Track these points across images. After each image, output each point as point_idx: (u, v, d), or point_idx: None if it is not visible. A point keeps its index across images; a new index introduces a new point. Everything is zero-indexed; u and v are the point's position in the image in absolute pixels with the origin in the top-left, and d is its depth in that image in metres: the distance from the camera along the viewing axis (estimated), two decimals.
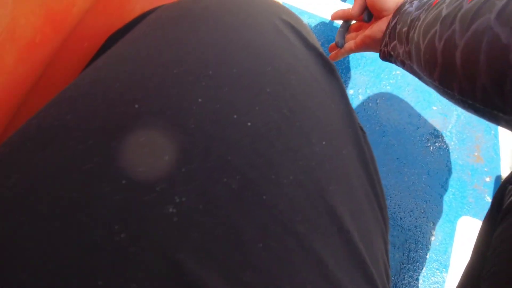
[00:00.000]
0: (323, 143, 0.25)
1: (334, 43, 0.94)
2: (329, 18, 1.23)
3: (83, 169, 0.18)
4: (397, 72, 1.30)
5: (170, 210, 0.18)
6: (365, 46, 0.79)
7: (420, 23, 0.53)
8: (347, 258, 0.25)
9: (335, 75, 0.31)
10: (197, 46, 0.24)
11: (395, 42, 0.65)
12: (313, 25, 1.29)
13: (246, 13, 0.28)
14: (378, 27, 0.73)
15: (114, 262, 0.17)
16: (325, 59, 0.31)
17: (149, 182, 0.18)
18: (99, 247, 0.17)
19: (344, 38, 0.91)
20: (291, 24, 0.30)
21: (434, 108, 1.30)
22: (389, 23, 0.69)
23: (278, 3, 0.32)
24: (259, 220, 0.20)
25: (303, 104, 0.25)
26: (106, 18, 0.33)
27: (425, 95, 1.29)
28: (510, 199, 0.57)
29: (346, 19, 0.93)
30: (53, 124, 0.20)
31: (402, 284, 1.07)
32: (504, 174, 1.28)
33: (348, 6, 1.37)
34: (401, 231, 1.14)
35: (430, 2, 0.55)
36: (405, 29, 0.59)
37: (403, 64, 0.67)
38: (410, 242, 1.13)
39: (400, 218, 1.14)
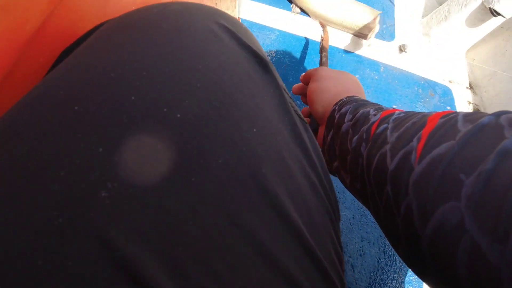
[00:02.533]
0: (254, 130, 0.27)
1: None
2: (294, 33, 1.29)
3: (28, 165, 0.21)
4: (356, 75, 1.34)
5: (103, 194, 0.20)
6: None
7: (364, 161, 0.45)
8: (284, 235, 0.26)
9: (268, 70, 0.34)
10: (135, 52, 0.26)
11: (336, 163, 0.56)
12: (279, 39, 1.33)
13: (182, 20, 0.31)
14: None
15: (52, 243, 0.18)
16: (259, 56, 0.34)
17: (84, 171, 0.21)
18: (39, 231, 0.19)
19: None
20: (227, 27, 0.33)
21: (395, 106, 1.34)
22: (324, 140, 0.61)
23: (217, 10, 0.35)
24: (188, 200, 0.22)
25: (233, 96, 0.28)
26: (60, 34, 0.35)
27: (384, 95, 1.34)
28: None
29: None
30: (4, 130, 0.23)
31: (381, 279, 1.10)
32: None
33: (305, 18, 1.43)
34: (375, 227, 1.17)
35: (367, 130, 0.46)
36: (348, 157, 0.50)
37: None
38: (384, 237, 1.15)
39: None
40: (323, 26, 1.27)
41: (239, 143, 0.26)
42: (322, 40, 1.15)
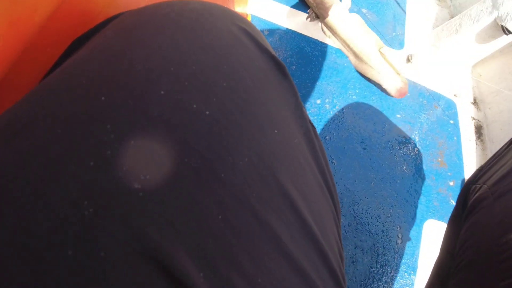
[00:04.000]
0: (275, 131, 0.28)
1: None
2: (296, 30, 1.27)
3: (52, 154, 0.20)
4: (362, 82, 1.34)
5: (136, 186, 0.20)
6: None
7: None
8: (300, 234, 0.27)
9: (286, 75, 0.35)
10: (159, 47, 0.26)
11: None
12: (287, 38, 1.32)
13: (204, 19, 0.31)
14: None
15: (82, 233, 0.18)
16: (277, 61, 0.34)
17: (116, 163, 0.20)
18: (69, 221, 0.18)
19: None
20: (246, 29, 0.34)
21: (398, 116, 1.34)
22: None
23: (234, 12, 0.35)
24: (217, 195, 0.22)
25: (256, 97, 0.28)
26: (69, 25, 0.34)
27: (389, 104, 1.34)
28: (474, 197, 0.60)
29: None
30: (21, 118, 0.22)
31: (371, 287, 1.09)
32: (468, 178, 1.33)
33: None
34: (369, 235, 1.16)
35: None
36: None
37: None
38: (378, 246, 1.15)
39: (368, 223, 1.17)
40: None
41: (262, 143, 0.26)
42: None
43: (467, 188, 0.66)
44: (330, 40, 1.37)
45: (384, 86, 1.33)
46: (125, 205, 0.19)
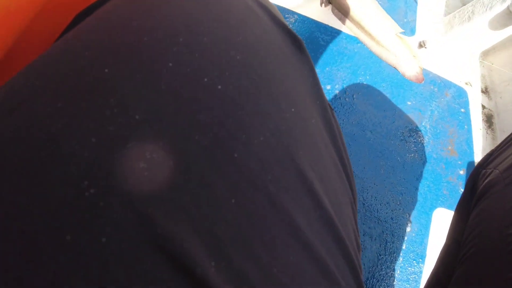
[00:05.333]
0: (292, 109, 0.26)
1: None
2: (306, 15, 1.26)
3: (52, 129, 0.18)
4: (372, 68, 1.32)
5: (141, 165, 0.18)
6: None
7: None
8: (317, 220, 0.25)
9: (303, 50, 0.32)
10: (167, 16, 0.24)
11: None
12: (298, 24, 1.31)
13: None
14: None
15: (83, 216, 0.17)
16: (293, 35, 0.32)
17: (118, 139, 0.19)
18: (68, 203, 0.17)
19: None
20: (260, 2, 0.32)
21: (409, 103, 1.33)
22: None
23: None
24: (230, 176, 0.21)
25: (272, 72, 0.26)
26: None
27: (399, 91, 1.32)
28: (484, 182, 0.58)
29: None
30: (21, 90, 0.21)
31: (379, 274, 1.09)
32: None
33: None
34: (378, 222, 1.15)
35: None
36: None
37: None
38: (386, 234, 1.14)
39: (377, 210, 1.16)
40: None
41: (278, 122, 0.24)
42: None
43: (477, 173, 0.64)
44: (340, 25, 1.36)
45: (401, 70, 1.32)
46: (128, 185, 0.18)
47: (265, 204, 0.22)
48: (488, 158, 0.64)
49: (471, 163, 1.34)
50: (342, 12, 1.36)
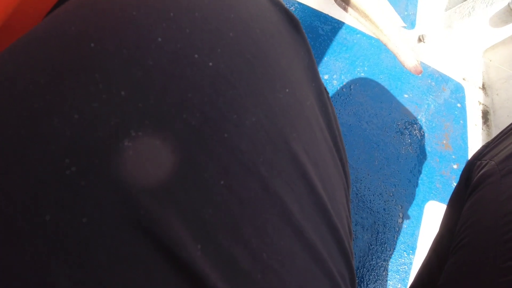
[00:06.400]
0: (287, 90, 0.25)
1: None
2: (306, 3, 1.25)
3: (34, 106, 0.18)
4: (371, 60, 1.32)
5: (126, 143, 0.18)
6: None
7: None
8: (310, 206, 0.25)
9: (299, 31, 0.32)
10: None
11: None
12: (298, 12, 1.30)
13: None
14: None
15: (63, 196, 0.16)
16: (290, 15, 0.31)
17: (102, 116, 0.18)
18: (48, 182, 0.16)
19: None
20: None
21: (406, 96, 1.33)
22: None
23: None
24: (220, 158, 0.20)
25: (266, 51, 0.25)
26: None
27: (397, 83, 1.32)
28: (479, 173, 0.58)
29: None
30: (5, 68, 0.20)
31: (370, 264, 1.09)
32: None
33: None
34: (370, 213, 1.16)
35: None
36: None
37: None
38: (378, 224, 1.15)
39: (370, 200, 1.16)
40: None
41: (272, 102, 0.24)
42: None
43: (472, 164, 0.64)
44: (340, 15, 1.35)
45: (401, 59, 1.33)
46: (112, 164, 0.17)
47: (256, 187, 0.21)
48: (484, 150, 0.64)
49: (465, 157, 1.35)
50: (345, 2, 1.36)
